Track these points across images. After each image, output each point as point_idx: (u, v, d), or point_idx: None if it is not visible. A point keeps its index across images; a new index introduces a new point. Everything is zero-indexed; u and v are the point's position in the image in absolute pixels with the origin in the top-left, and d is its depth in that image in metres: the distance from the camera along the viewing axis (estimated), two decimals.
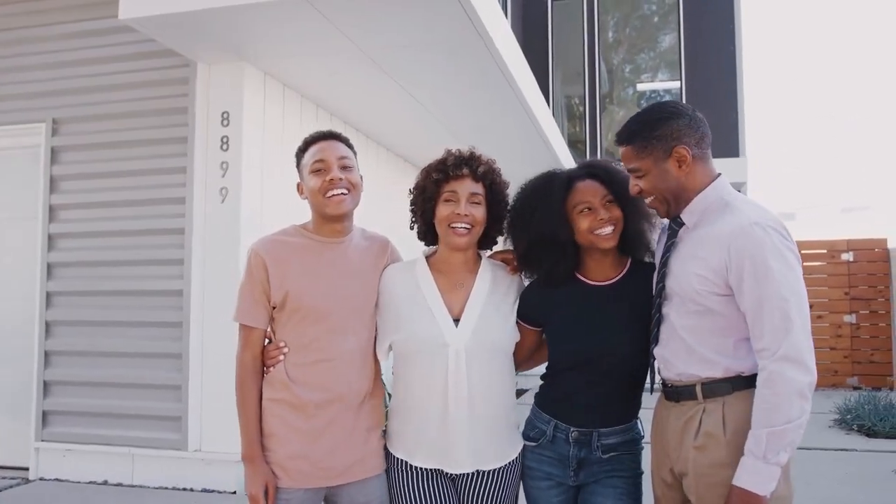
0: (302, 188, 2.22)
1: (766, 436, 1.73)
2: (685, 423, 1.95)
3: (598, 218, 2.04)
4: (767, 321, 1.76)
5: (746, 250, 1.80)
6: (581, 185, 2.09)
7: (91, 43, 5.06)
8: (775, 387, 1.74)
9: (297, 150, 2.24)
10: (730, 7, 11.30)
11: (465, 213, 2.10)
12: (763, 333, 1.77)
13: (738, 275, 1.81)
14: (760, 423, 1.75)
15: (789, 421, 1.72)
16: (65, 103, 5.11)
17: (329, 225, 2.19)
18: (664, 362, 2.01)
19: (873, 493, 4.48)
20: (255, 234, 4.72)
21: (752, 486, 1.74)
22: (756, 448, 1.74)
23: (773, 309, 1.76)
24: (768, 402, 1.74)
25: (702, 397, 1.92)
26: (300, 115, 5.47)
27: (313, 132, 2.24)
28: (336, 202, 2.12)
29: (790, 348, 1.73)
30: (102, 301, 4.96)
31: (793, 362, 1.73)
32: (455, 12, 4.07)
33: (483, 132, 6.40)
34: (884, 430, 6.34)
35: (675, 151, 1.93)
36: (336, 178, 2.12)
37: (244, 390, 2.12)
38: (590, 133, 11.97)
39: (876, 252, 10.10)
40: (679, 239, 2.02)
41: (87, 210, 5.03)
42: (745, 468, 1.76)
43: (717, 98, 11.05)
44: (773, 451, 1.73)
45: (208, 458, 4.62)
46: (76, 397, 4.96)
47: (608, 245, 2.06)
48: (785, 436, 1.72)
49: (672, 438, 1.99)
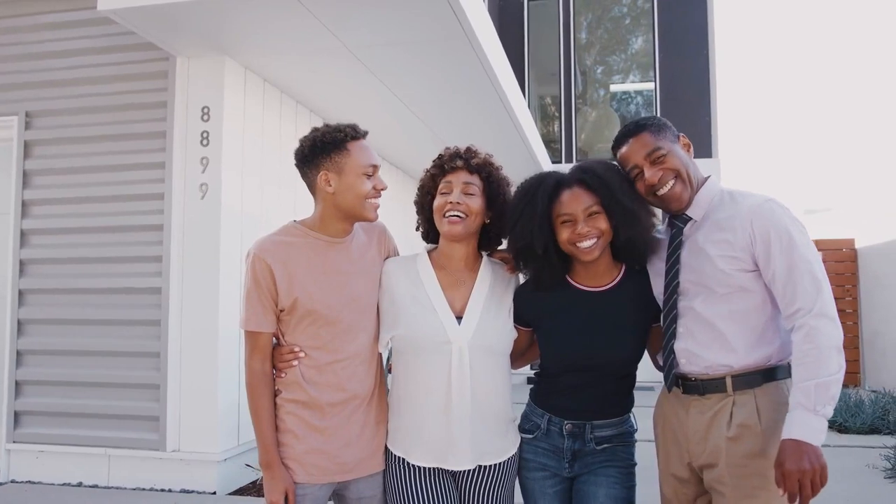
0: (329, 180, 2.08)
1: (813, 387, 1.78)
2: (713, 417, 1.98)
3: (576, 231, 2.01)
4: (799, 283, 1.86)
5: (770, 222, 1.92)
6: (566, 195, 2.04)
7: (67, 34, 4.94)
8: (816, 340, 1.81)
9: (330, 142, 2.09)
10: (703, 11, 11.45)
11: (457, 202, 2.09)
12: (796, 296, 1.86)
13: (765, 245, 1.91)
14: (806, 376, 1.81)
15: (831, 374, 1.79)
16: (39, 96, 4.99)
17: (341, 224, 2.14)
18: (689, 356, 2.02)
19: (850, 487, 4.57)
20: (236, 230, 4.72)
21: (805, 437, 1.78)
22: (806, 400, 1.79)
23: (802, 272, 1.87)
24: (811, 355, 1.81)
25: (731, 390, 1.96)
26: (280, 111, 5.41)
27: (341, 125, 2.12)
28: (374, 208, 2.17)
29: (824, 305, 1.84)
30: (77, 299, 4.85)
31: (829, 318, 1.83)
32: (443, 11, 4.05)
33: (463, 130, 6.40)
34: (855, 425, 6.47)
35: (681, 137, 2.12)
36: (381, 187, 2.15)
37: (256, 397, 2.08)
38: (565, 133, 12.03)
39: (843, 252, 10.33)
40: (686, 236, 2.07)
41: (61, 206, 4.92)
42: (797, 420, 1.80)
43: (690, 99, 11.18)
44: (822, 403, 1.78)
45: (187, 458, 4.54)
46: (49, 397, 4.84)
47: (589, 258, 2.04)
48: (830, 388, 1.79)
49: (694, 432, 2.02)
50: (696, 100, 11.18)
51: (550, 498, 2.14)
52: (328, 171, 2.08)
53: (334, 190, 2.08)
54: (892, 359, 9.22)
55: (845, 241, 10.42)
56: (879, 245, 10.01)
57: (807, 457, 1.75)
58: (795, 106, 50.86)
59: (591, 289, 2.13)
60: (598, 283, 2.13)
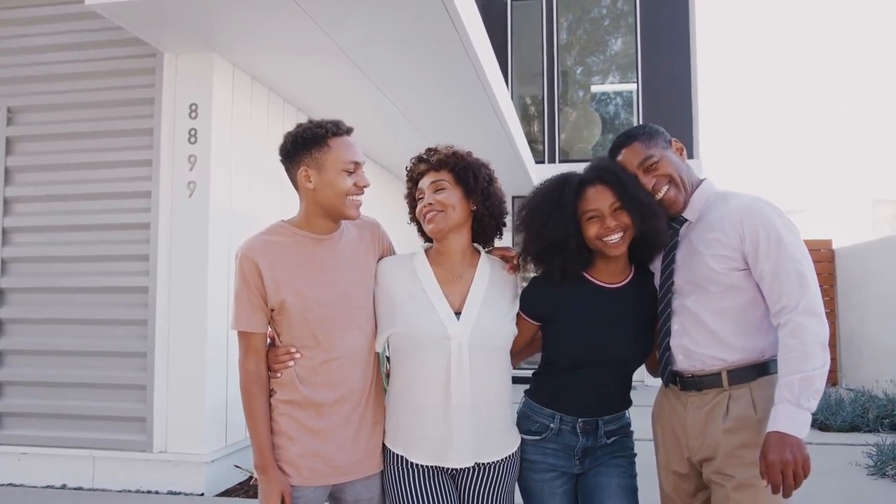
0: (309, 176, 2.05)
1: (797, 381, 1.83)
2: (710, 411, 2.04)
3: (605, 226, 2.06)
4: (785, 280, 1.92)
5: (758, 221, 1.98)
6: (591, 192, 2.10)
7: (52, 28, 4.86)
8: (801, 336, 1.86)
9: (311, 138, 2.06)
10: (685, 12, 11.55)
11: (429, 203, 2.13)
12: (782, 293, 1.92)
13: (754, 243, 1.97)
14: (790, 370, 1.86)
15: (816, 368, 1.84)
16: (22, 91, 4.90)
17: (324, 222, 2.11)
18: (685, 352, 2.08)
19: (835, 484, 4.65)
20: (224, 229, 4.67)
21: (789, 430, 1.83)
22: (790, 394, 1.84)
23: (789, 270, 1.92)
24: (796, 350, 1.86)
25: (727, 384, 2.02)
26: (267, 109, 5.37)
27: (324, 121, 2.09)
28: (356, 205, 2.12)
29: (810, 302, 1.89)
30: (62, 298, 4.77)
31: (814, 315, 1.88)
32: (437, 12, 4.04)
33: (451, 130, 6.39)
34: (836, 424, 6.57)
35: (673, 142, 2.20)
36: (363, 184, 2.10)
37: (251, 398, 2.05)
38: (548, 134, 12.08)
39: (821, 253, 10.47)
40: (682, 236, 2.14)
41: (45, 203, 4.83)
42: (781, 413, 1.84)
43: (672, 100, 11.29)
44: (805, 397, 1.83)
45: (175, 459, 4.48)
46: (32, 398, 4.76)
47: (617, 252, 2.09)
48: (814, 381, 1.83)
49: (692, 428, 2.07)
50: (677, 101, 11.28)
51: (560, 498, 2.14)
52: (308, 168, 2.05)
53: (314, 186, 2.05)
54: (868, 358, 9.38)
55: (823, 242, 10.58)
56: (857, 246, 10.18)
57: (789, 448, 1.80)
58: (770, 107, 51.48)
59: (607, 285, 2.16)
60: (614, 280, 2.17)
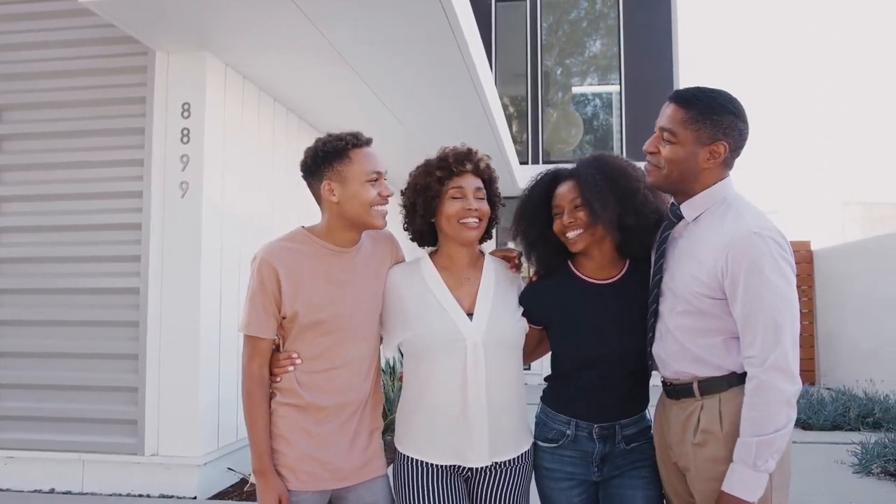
0: (332, 189, 2.08)
1: (755, 444, 1.77)
2: (685, 420, 1.99)
3: (562, 222, 2.11)
4: (760, 330, 1.79)
5: (745, 258, 1.81)
6: (560, 188, 2.16)
7: (43, 25, 4.78)
8: (764, 395, 1.77)
9: (332, 151, 2.08)
10: (667, 14, 11.67)
11: (474, 208, 2.13)
12: (754, 342, 1.80)
13: (734, 282, 1.83)
14: (750, 431, 1.79)
15: (777, 430, 1.76)
16: (10, 89, 4.82)
17: (348, 234, 2.13)
18: (660, 361, 2.05)
19: (818, 482, 4.71)
20: (217, 229, 4.63)
21: (741, 494, 1.79)
22: (746, 456, 1.78)
23: (766, 319, 1.79)
24: (758, 410, 1.78)
25: (699, 394, 1.96)
26: (258, 109, 5.33)
27: (343, 133, 2.11)
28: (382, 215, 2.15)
29: (779, 358, 1.77)
30: (52, 299, 4.70)
31: (782, 372, 1.77)
32: (435, 12, 4.05)
33: (442, 131, 6.39)
34: (818, 422, 6.69)
35: (716, 143, 1.93)
36: (387, 193, 2.12)
37: (252, 401, 2.06)
38: (531, 134, 12.13)
39: (800, 254, 10.62)
40: (677, 233, 2.04)
41: (34, 203, 4.76)
42: (736, 475, 1.80)
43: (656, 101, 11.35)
44: (763, 459, 1.77)
45: (167, 462, 4.44)
46: (19, 401, 4.68)
47: (574, 248, 2.12)
48: (773, 443, 1.77)
49: (675, 435, 2.03)
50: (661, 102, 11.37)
51: None
52: (331, 181, 2.07)
53: (338, 199, 2.07)
54: (846, 357, 9.55)
55: (802, 243, 10.73)
56: (835, 247, 10.36)
57: None
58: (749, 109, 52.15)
59: (598, 281, 2.16)
60: (605, 276, 2.16)
